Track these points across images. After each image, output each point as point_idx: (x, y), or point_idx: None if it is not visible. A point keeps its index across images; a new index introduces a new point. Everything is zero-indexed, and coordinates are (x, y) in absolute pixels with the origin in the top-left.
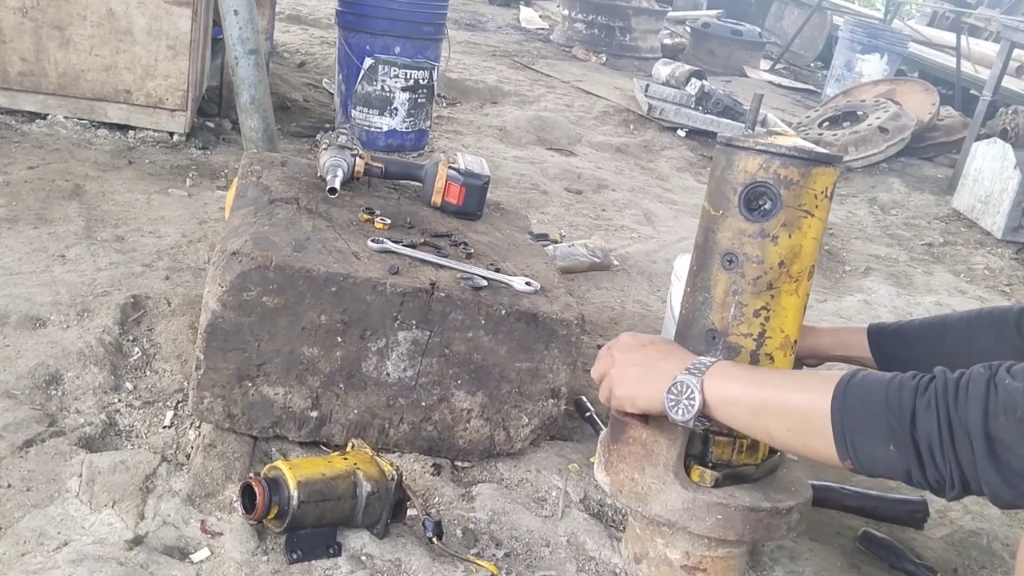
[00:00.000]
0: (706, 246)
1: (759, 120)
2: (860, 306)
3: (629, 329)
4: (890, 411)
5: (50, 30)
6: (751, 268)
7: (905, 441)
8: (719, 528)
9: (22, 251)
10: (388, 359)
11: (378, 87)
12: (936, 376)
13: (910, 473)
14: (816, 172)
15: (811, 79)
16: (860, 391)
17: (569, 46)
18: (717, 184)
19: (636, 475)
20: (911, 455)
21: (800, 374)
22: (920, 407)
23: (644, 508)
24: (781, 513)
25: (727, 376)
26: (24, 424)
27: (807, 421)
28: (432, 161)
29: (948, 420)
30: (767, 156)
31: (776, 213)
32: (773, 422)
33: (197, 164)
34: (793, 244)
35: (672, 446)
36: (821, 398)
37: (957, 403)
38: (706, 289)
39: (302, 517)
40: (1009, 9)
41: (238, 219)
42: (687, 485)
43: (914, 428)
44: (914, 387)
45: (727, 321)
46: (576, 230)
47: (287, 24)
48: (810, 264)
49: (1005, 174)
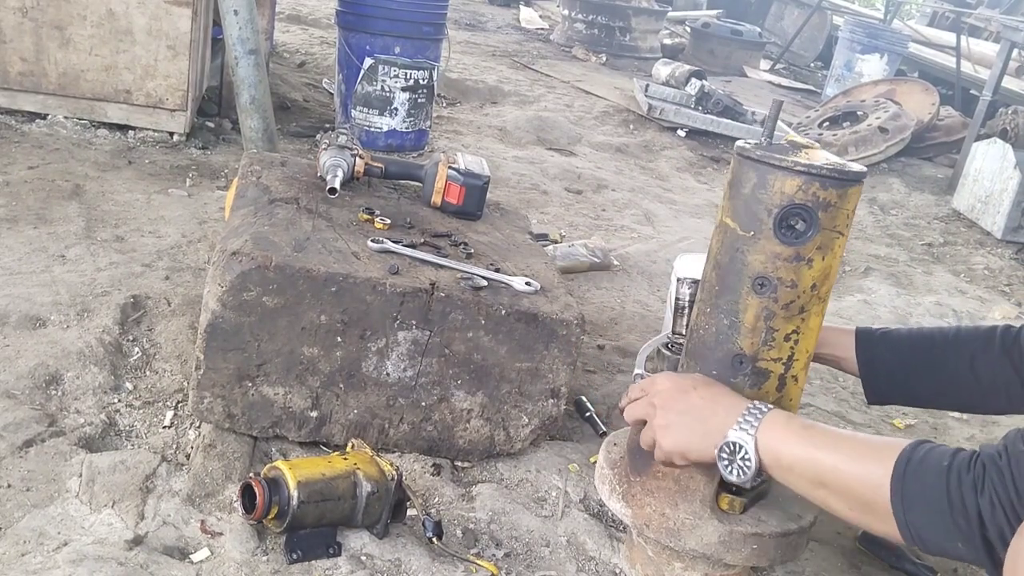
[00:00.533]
0: (732, 267)
1: (761, 120)
2: (860, 306)
3: (629, 330)
4: (954, 510)
5: (50, 30)
6: (785, 293)
7: (975, 542)
8: (754, 557)
9: (22, 251)
10: (388, 359)
11: (378, 87)
12: (987, 464)
13: (982, 564)
14: (852, 192)
15: (811, 79)
16: (920, 484)
17: (569, 46)
18: (746, 203)
19: (667, 510)
20: (982, 553)
21: (857, 441)
22: (984, 508)
23: (677, 543)
24: (804, 530)
25: (782, 439)
26: (24, 424)
27: (868, 505)
28: (432, 161)
29: (1017, 515)
30: (807, 177)
31: (813, 236)
32: (833, 499)
33: (197, 164)
34: (825, 266)
35: (710, 483)
36: (880, 479)
37: (1020, 497)
38: (733, 313)
39: (302, 517)
40: (1009, 9)
41: (238, 219)
42: (722, 518)
43: (983, 529)
44: (972, 483)
45: (757, 346)
46: (576, 230)
47: (287, 24)
48: (834, 281)
49: (1005, 174)
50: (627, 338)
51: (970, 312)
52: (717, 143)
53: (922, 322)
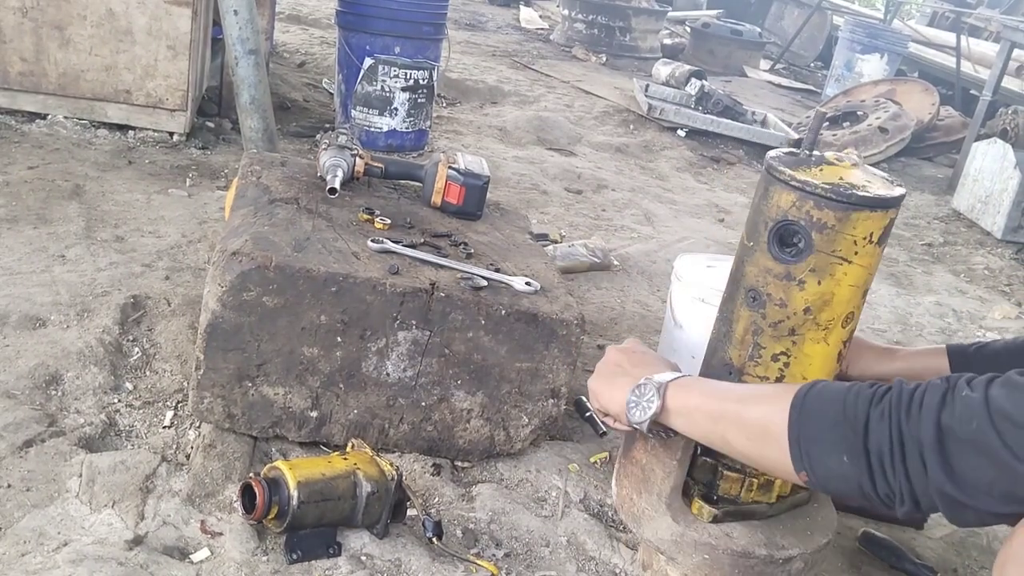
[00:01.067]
0: (734, 276)
1: (761, 120)
2: None
3: (629, 330)
4: (846, 420)
5: (50, 30)
6: (773, 310)
7: (858, 451)
8: (705, 567)
9: (22, 251)
10: (388, 359)
11: (378, 87)
12: (893, 387)
13: (861, 486)
14: (857, 217)
15: (811, 79)
16: (819, 400)
17: (569, 46)
18: (753, 213)
19: (634, 496)
20: (863, 466)
21: (765, 385)
22: (874, 417)
23: (638, 530)
24: (777, 562)
25: (691, 387)
26: (24, 424)
27: (765, 430)
28: (432, 161)
29: (900, 432)
30: (801, 194)
31: (805, 256)
32: (732, 431)
33: (197, 164)
34: (823, 291)
35: (666, 478)
36: (780, 407)
37: (910, 415)
38: (728, 322)
39: (302, 517)
40: (1009, 9)
41: (238, 219)
42: (678, 518)
43: (867, 438)
44: (870, 396)
45: (744, 360)
46: (576, 230)
47: (287, 24)
48: (845, 312)
49: (1005, 174)
50: (627, 338)
51: (970, 312)
52: (717, 143)
53: (922, 322)
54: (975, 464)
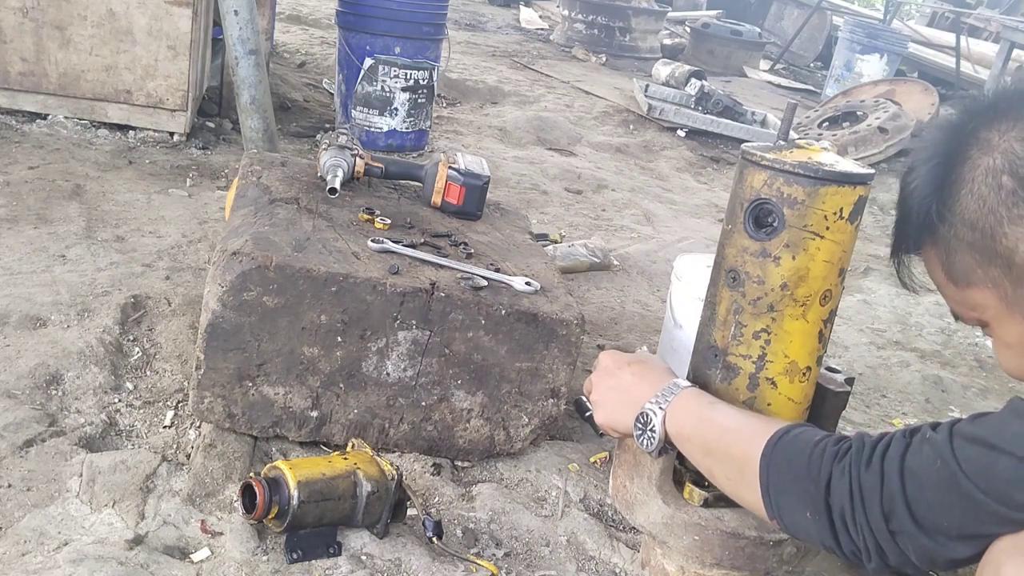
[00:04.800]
0: (716, 260)
1: (761, 120)
2: (860, 306)
3: (629, 329)
4: (809, 476)
5: (50, 30)
6: (752, 288)
7: (820, 508)
8: (696, 549)
9: (22, 251)
10: (388, 359)
11: (378, 87)
12: (854, 441)
13: (823, 542)
14: (825, 192)
15: (811, 79)
16: (787, 451)
17: (569, 46)
18: (731, 197)
19: (627, 483)
20: (825, 524)
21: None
22: (835, 474)
23: (631, 517)
24: (767, 544)
25: (686, 411)
26: (24, 424)
27: (742, 473)
28: (432, 161)
29: (859, 484)
30: (771, 172)
31: (778, 232)
32: (717, 467)
33: (197, 164)
34: (798, 267)
35: (655, 462)
36: (755, 450)
37: (870, 466)
38: (712, 305)
39: (302, 517)
40: (1009, 9)
41: (238, 219)
42: (669, 501)
43: (828, 495)
44: (834, 453)
45: (727, 340)
46: (576, 230)
47: (287, 24)
48: (822, 288)
49: None
50: (627, 338)
51: None
52: (717, 143)
53: (922, 322)
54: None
